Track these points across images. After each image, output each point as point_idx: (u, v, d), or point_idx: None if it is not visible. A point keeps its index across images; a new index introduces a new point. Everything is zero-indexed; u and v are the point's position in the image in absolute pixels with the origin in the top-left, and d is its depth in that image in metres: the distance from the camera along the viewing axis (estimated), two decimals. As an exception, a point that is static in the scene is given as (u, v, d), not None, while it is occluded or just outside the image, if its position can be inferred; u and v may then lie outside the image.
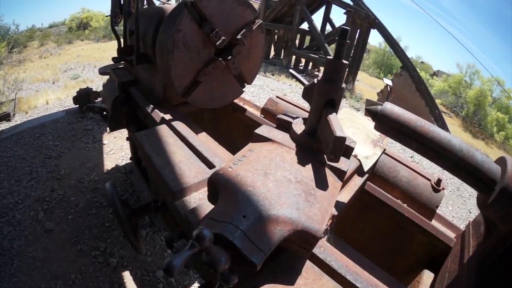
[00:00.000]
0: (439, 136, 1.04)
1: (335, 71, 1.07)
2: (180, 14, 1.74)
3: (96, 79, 9.52)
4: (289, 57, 14.53)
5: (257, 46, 2.15)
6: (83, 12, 32.99)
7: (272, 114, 2.27)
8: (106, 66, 5.63)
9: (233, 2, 1.90)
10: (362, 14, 12.83)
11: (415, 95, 11.78)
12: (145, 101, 2.28)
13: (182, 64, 1.83)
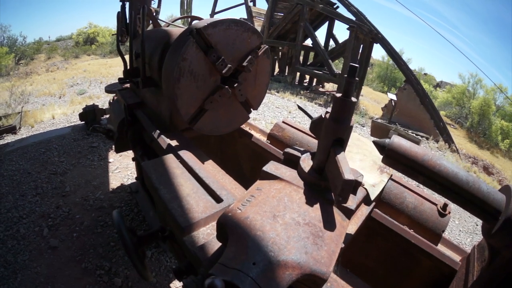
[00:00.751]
0: (446, 170, 1.06)
1: (343, 110, 1.06)
2: (186, 43, 1.75)
3: (102, 95, 9.62)
4: (293, 74, 14.67)
5: (263, 71, 2.16)
6: (90, 27, 33.57)
7: (278, 140, 2.28)
8: (112, 84, 5.70)
9: (238, 28, 1.91)
10: (365, 29, 12.94)
11: (420, 109, 11.79)
12: (151, 125, 2.30)
13: (188, 92, 1.85)
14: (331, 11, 14.35)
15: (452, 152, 10.18)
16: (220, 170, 1.73)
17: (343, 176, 0.94)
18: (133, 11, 3.24)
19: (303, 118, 8.23)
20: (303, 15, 13.70)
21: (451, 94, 23.56)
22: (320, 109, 10.08)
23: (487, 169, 11.81)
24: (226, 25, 1.85)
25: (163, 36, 2.32)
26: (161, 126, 2.28)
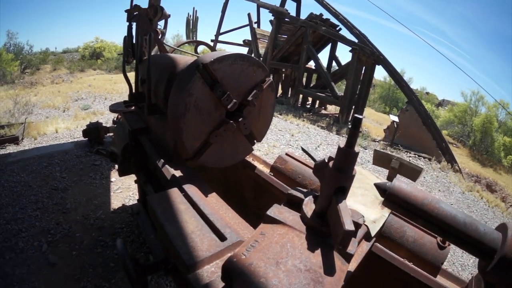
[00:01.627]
0: (445, 213, 1.13)
1: (346, 160, 1.10)
2: (192, 78, 1.79)
3: (106, 112, 9.72)
4: (296, 96, 14.81)
5: (267, 104, 2.21)
6: (96, 42, 34.10)
7: (281, 172, 2.31)
8: (116, 103, 5.78)
9: (244, 63, 1.95)
10: (367, 51, 13.12)
11: (422, 130, 11.84)
12: (155, 153, 2.33)
13: (194, 127, 1.89)
14: (333, 33, 14.57)
15: (455, 172, 10.18)
16: (223, 204, 1.76)
17: (344, 227, 0.98)
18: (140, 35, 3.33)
19: (305, 142, 8.29)
20: (306, 38, 13.92)
21: (453, 113, 23.64)
22: (322, 132, 10.11)
23: (490, 187, 11.79)
24: (232, 60, 1.90)
25: (169, 64, 2.38)
26: (165, 153, 2.31)
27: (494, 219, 7.44)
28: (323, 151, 7.90)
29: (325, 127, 11.30)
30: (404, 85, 13.45)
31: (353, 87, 13.31)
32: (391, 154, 4.17)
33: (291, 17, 15.30)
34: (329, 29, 14.51)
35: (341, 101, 13.11)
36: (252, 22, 16.92)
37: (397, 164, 3.93)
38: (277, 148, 7.23)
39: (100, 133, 6.36)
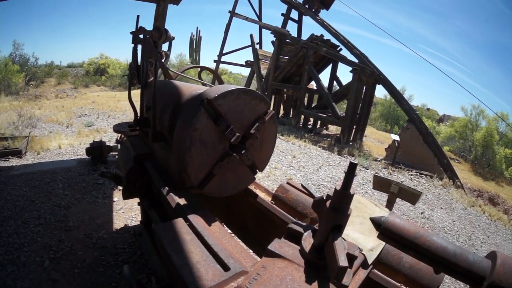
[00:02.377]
0: (436, 245, 1.24)
1: (342, 202, 1.23)
2: (198, 113, 1.89)
3: (109, 130, 9.82)
4: (298, 117, 14.93)
5: (269, 136, 2.30)
6: (101, 58, 34.23)
7: (282, 201, 2.40)
8: (120, 124, 5.87)
9: (246, 97, 2.05)
10: (367, 71, 13.30)
11: (423, 147, 11.88)
12: (160, 180, 2.40)
13: (198, 159, 1.98)
14: (334, 54, 14.79)
15: (456, 188, 10.21)
16: (226, 232, 1.84)
17: (338, 263, 1.07)
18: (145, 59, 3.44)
19: (307, 163, 8.35)
20: (307, 58, 14.11)
21: (454, 128, 23.64)
22: (324, 153, 10.18)
23: (492, 200, 11.76)
24: (236, 95, 2.00)
25: (174, 93, 2.48)
26: (169, 180, 2.38)
27: (496, 233, 7.47)
28: (324, 172, 7.94)
29: (327, 147, 11.38)
30: (405, 103, 13.59)
31: (354, 107, 13.44)
32: (390, 180, 4.25)
33: (293, 38, 15.55)
34: (329, 49, 14.72)
35: (343, 121, 13.21)
36: (254, 43, 17.17)
37: (396, 189, 4.01)
38: (278, 169, 7.30)
39: (103, 152, 6.44)
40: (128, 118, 11.99)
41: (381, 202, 5.50)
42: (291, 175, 7.09)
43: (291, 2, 16.52)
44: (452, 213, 7.67)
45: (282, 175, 6.96)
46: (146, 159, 2.84)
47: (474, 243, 6.38)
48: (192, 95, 2.26)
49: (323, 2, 16.41)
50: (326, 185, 6.90)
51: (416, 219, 6.51)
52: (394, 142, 11.45)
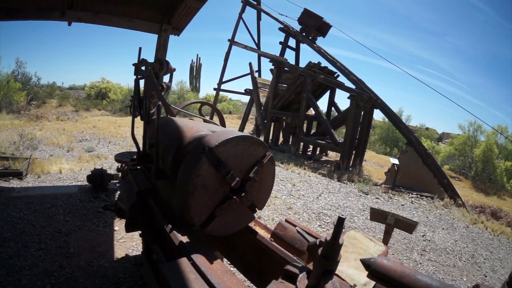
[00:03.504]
0: (420, 284, 1.35)
1: (331, 250, 1.39)
2: (200, 161, 1.99)
3: (110, 156, 9.89)
4: (297, 145, 15.08)
5: (268, 176, 2.39)
6: (102, 82, 34.70)
7: (281, 239, 2.46)
8: (122, 153, 5.96)
9: (245, 143, 2.17)
10: (364, 96, 13.52)
11: (423, 169, 11.92)
12: (163, 218, 2.47)
13: (201, 203, 2.07)
14: (332, 81, 15.06)
15: (458, 206, 10.22)
16: (228, 270, 1.91)
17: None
18: (147, 96, 3.53)
19: (307, 191, 8.40)
20: (305, 86, 14.35)
21: (453, 146, 23.65)
22: (323, 180, 10.24)
23: (495, 215, 11.69)
24: (235, 142, 2.11)
25: (177, 133, 2.55)
26: (171, 217, 2.45)
27: (499, 247, 7.50)
28: (324, 200, 7.97)
29: (327, 174, 11.43)
30: (402, 126, 13.75)
31: (353, 132, 13.58)
32: (386, 211, 4.35)
33: (291, 66, 15.90)
34: (327, 77, 14.99)
35: (342, 148, 13.32)
36: (253, 72, 17.48)
37: (393, 220, 4.10)
38: (278, 199, 7.33)
39: (104, 180, 6.50)
40: (128, 144, 12.09)
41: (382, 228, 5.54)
42: (291, 204, 7.12)
43: (288, 30, 16.98)
44: (454, 232, 7.67)
45: (282, 204, 6.99)
46: (149, 195, 2.90)
47: (477, 261, 6.37)
48: (194, 137, 2.35)
49: (320, 30, 16.82)
50: (326, 213, 6.92)
51: (417, 242, 6.51)
52: (393, 166, 11.51)
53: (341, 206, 7.64)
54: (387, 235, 4.32)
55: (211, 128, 2.63)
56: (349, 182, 10.66)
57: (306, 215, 6.63)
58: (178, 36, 8.28)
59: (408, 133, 13.32)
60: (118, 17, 7.62)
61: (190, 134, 2.42)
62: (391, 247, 5.97)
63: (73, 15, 7.09)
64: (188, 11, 7.60)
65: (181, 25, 8.08)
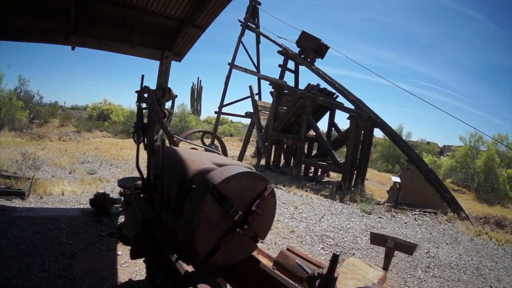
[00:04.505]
0: None
1: (328, 284, 1.47)
2: (204, 198, 2.09)
3: (112, 179, 9.96)
4: (298, 167, 15.14)
5: (269, 208, 2.47)
6: (104, 104, 34.92)
7: (283, 267, 2.54)
8: (125, 178, 6.05)
9: (247, 179, 2.26)
10: (364, 116, 13.68)
11: (425, 185, 11.94)
12: (168, 247, 2.52)
13: (205, 236, 2.15)
14: (331, 102, 15.31)
15: (461, 220, 10.23)
16: None
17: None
18: (150, 130, 3.62)
19: (309, 214, 8.41)
20: (305, 108, 14.58)
21: (455, 159, 23.64)
22: (326, 201, 10.29)
23: (499, 224, 11.59)
24: (238, 178, 2.21)
25: (181, 166, 2.62)
26: (176, 246, 2.50)
27: (504, 256, 7.50)
28: (327, 222, 7.97)
29: (329, 195, 11.45)
30: (403, 144, 13.86)
31: (354, 153, 13.69)
32: (386, 235, 4.42)
33: (290, 89, 16.16)
34: (326, 98, 15.23)
35: (343, 168, 13.37)
36: (254, 94, 17.74)
37: (392, 244, 4.17)
38: (281, 222, 7.34)
39: (107, 204, 6.55)
40: (130, 168, 12.17)
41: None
42: (293, 227, 7.12)
43: (287, 53, 17.31)
44: (458, 247, 7.66)
45: (284, 227, 7.00)
46: (154, 224, 2.95)
47: (482, 273, 6.38)
48: (198, 171, 2.43)
49: (318, 52, 17.14)
50: (329, 235, 6.92)
51: (421, 259, 6.51)
52: (395, 184, 11.52)
53: (344, 227, 7.64)
54: (387, 258, 4.40)
55: (213, 159, 2.71)
56: (351, 203, 10.66)
57: (309, 238, 6.63)
58: (180, 62, 8.49)
59: (409, 150, 13.41)
60: (121, 44, 7.84)
61: (194, 168, 2.49)
62: (395, 266, 5.97)
63: (77, 40, 7.32)
64: (189, 38, 7.82)
65: (182, 52, 8.30)
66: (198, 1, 6.84)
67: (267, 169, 15.82)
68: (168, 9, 7.09)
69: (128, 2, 6.74)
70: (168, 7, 7.03)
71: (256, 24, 19.26)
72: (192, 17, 7.21)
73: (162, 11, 7.14)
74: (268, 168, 16.06)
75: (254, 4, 18.75)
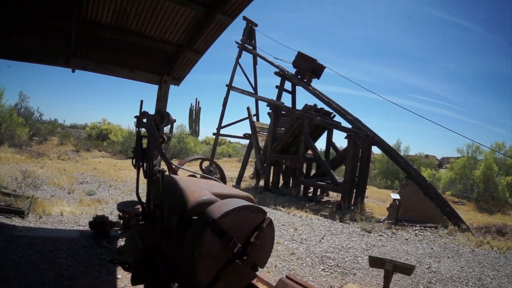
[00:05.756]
0: None
1: None
2: (204, 233, 2.15)
3: (111, 201, 9.94)
4: (297, 188, 15.11)
5: (268, 238, 2.53)
6: (103, 123, 35.23)
7: (282, 296, 2.56)
8: (124, 203, 6.08)
9: (246, 212, 2.34)
10: (361, 135, 13.78)
11: (425, 200, 11.89)
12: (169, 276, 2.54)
13: (205, 268, 2.20)
14: (328, 122, 15.48)
15: (462, 232, 10.19)
16: None
17: None
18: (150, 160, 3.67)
19: (309, 235, 8.39)
20: (303, 129, 14.64)
21: (453, 171, 23.60)
22: (325, 222, 10.26)
23: (500, 232, 11.49)
24: (236, 212, 2.28)
25: (181, 198, 2.66)
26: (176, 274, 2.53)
27: (506, 264, 7.51)
28: (327, 242, 7.94)
29: (328, 215, 11.41)
30: (401, 161, 13.90)
31: (352, 172, 13.70)
32: (384, 258, 4.47)
33: (288, 110, 16.31)
34: (323, 118, 15.37)
35: (342, 188, 13.38)
36: (252, 116, 17.78)
37: (391, 266, 4.25)
38: (281, 244, 7.31)
39: (106, 227, 6.54)
40: (128, 189, 12.14)
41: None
42: (293, 249, 7.10)
43: (284, 74, 17.49)
44: (459, 259, 7.64)
45: (284, 250, 6.97)
46: (154, 253, 2.98)
47: (484, 283, 6.37)
48: (197, 202, 2.48)
49: (314, 72, 17.30)
50: (329, 256, 6.89)
51: (422, 275, 6.47)
52: (394, 201, 11.51)
53: (344, 247, 7.62)
54: (386, 279, 4.48)
55: (212, 189, 2.76)
56: (351, 222, 10.64)
57: (309, 260, 6.60)
58: (178, 86, 8.63)
59: (407, 166, 13.45)
60: (120, 68, 7.99)
61: (193, 199, 2.54)
62: (396, 284, 5.93)
63: (77, 63, 7.47)
64: (187, 62, 7.97)
65: (180, 76, 8.45)
66: (195, 27, 7.03)
67: (266, 190, 15.74)
68: (167, 35, 7.28)
69: (127, 27, 6.92)
70: (167, 33, 7.22)
71: (253, 46, 19.47)
72: (190, 43, 7.39)
73: (161, 37, 7.32)
74: (267, 189, 15.96)
75: (251, 25, 18.97)
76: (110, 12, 6.45)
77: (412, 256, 7.50)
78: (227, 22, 6.76)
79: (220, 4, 6.29)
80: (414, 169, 13.44)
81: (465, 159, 23.26)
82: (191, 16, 6.74)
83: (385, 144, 14.48)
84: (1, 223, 6.27)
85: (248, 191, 15.64)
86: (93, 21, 6.62)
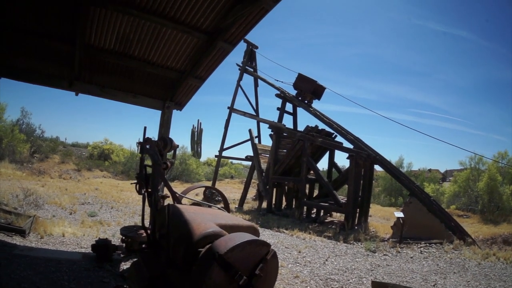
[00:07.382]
0: None
1: None
2: (211, 267, 2.23)
3: (113, 223, 9.89)
4: (300, 209, 15.06)
5: (272, 268, 2.60)
6: (105, 143, 35.23)
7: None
8: (127, 227, 6.09)
9: (250, 246, 2.42)
10: (363, 155, 13.82)
11: (429, 216, 11.81)
12: None
13: None
14: (330, 143, 15.57)
15: (468, 245, 10.07)
16: None
17: None
18: (155, 191, 3.74)
19: (313, 257, 8.35)
20: (305, 151, 14.65)
21: (457, 185, 23.51)
22: (329, 243, 10.20)
23: (506, 241, 11.34)
24: (242, 247, 2.37)
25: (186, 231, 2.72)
26: None
27: None
28: (331, 264, 7.87)
29: (332, 236, 11.30)
30: (404, 179, 13.91)
31: (355, 192, 13.63)
32: (387, 283, 4.48)
33: (289, 131, 16.39)
34: (325, 139, 15.43)
35: (345, 208, 13.29)
36: (253, 138, 17.93)
37: None
38: (284, 268, 7.23)
39: (109, 250, 6.52)
40: (131, 211, 12.09)
41: None
42: (297, 272, 7.04)
43: (285, 96, 17.60)
44: (466, 274, 7.55)
45: (288, 273, 6.92)
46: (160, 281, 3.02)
47: None
48: (203, 235, 2.57)
49: (315, 93, 17.54)
50: (334, 278, 6.83)
51: None
52: (398, 219, 11.44)
53: (349, 268, 7.55)
54: None
55: (217, 220, 2.83)
56: (355, 242, 10.55)
57: (313, 283, 6.54)
58: (181, 110, 8.76)
59: (410, 184, 13.44)
60: (123, 93, 8.13)
61: (199, 232, 2.61)
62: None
63: (81, 86, 7.62)
64: (190, 88, 8.13)
65: (183, 101, 8.59)
66: (198, 54, 7.20)
67: (269, 212, 15.62)
68: (169, 61, 7.45)
69: (130, 53, 7.08)
70: (169, 59, 7.39)
71: (254, 68, 19.75)
72: (192, 69, 7.55)
73: (164, 63, 7.49)
74: (270, 211, 15.83)
75: (251, 48, 19.32)
76: (114, 38, 6.63)
77: (417, 274, 7.41)
78: (228, 49, 6.95)
79: (221, 32, 6.47)
80: (417, 186, 13.45)
81: (468, 171, 23.21)
82: (193, 43, 6.93)
83: (387, 163, 14.54)
84: (2, 241, 6.24)
85: (250, 213, 15.73)
86: (97, 46, 6.79)
